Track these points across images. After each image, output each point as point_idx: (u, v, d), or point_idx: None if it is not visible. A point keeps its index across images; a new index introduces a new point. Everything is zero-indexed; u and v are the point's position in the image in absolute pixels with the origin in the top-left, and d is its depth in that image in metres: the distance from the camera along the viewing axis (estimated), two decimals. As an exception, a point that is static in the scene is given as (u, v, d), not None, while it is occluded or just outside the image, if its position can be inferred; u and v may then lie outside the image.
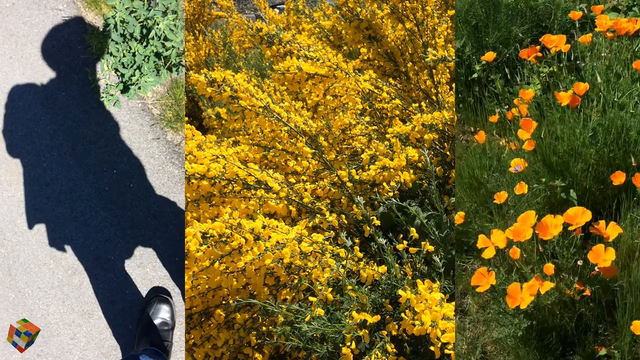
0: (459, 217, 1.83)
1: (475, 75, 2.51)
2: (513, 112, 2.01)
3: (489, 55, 2.25)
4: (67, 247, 2.41)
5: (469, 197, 2.02)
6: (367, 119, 1.97)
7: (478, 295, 1.83)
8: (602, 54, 2.00)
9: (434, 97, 2.17)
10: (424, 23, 2.16)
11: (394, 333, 1.45)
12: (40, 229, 2.44)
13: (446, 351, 1.33)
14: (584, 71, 2.03)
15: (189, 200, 1.58)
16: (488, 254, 1.61)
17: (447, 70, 2.13)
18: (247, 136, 2.06)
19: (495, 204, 1.81)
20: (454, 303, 1.41)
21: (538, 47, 2.10)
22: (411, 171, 1.81)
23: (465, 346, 1.76)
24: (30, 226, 2.44)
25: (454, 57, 2.04)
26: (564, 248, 1.60)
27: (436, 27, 2.18)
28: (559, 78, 2.04)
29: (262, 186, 1.62)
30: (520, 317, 1.61)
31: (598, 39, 2.05)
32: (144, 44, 2.28)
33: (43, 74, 2.60)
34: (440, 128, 1.87)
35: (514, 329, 1.62)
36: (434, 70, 2.12)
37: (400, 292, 1.43)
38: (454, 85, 2.16)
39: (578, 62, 2.08)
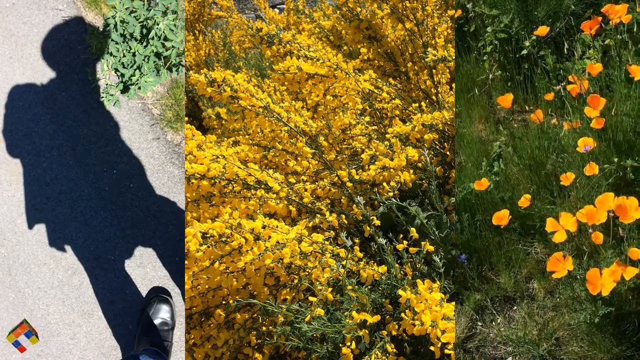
0: (524, 200, 1.74)
1: (524, 52, 2.38)
2: (575, 89, 1.87)
3: (542, 30, 2.10)
4: (67, 247, 2.41)
5: (527, 178, 1.92)
6: (367, 119, 1.97)
7: (545, 280, 1.75)
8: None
9: (433, 97, 2.17)
10: (423, 23, 2.16)
11: (394, 333, 1.45)
12: (40, 229, 2.44)
13: (446, 351, 1.33)
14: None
15: (189, 200, 1.58)
16: (559, 237, 1.53)
17: (447, 70, 2.13)
18: (247, 136, 2.06)
19: (558, 185, 1.71)
20: (453, 303, 1.41)
21: (600, 19, 1.92)
22: (411, 171, 1.81)
23: (536, 332, 1.68)
24: (30, 226, 2.44)
25: (453, 57, 2.04)
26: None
27: (436, 27, 2.18)
28: (621, 51, 1.87)
29: (262, 186, 1.62)
30: (598, 304, 1.53)
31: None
32: (144, 44, 2.28)
33: (43, 74, 2.60)
34: (440, 128, 1.87)
35: (590, 315, 1.54)
36: (433, 70, 2.12)
37: (400, 292, 1.43)
38: (454, 85, 2.16)
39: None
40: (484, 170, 2.01)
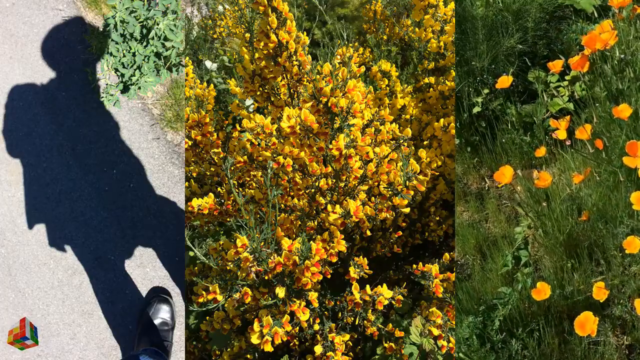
0: (600, 292, 1.43)
1: (477, 109, 2.16)
2: (560, 134, 1.62)
3: (504, 81, 1.80)
4: (67, 247, 2.41)
5: (564, 258, 1.67)
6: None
7: None
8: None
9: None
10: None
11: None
12: (40, 229, 2.44)
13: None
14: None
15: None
16: None
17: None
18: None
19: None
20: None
21: (585, 52, 1.63)
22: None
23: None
24: (30, 226, 2.44)
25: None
26: None
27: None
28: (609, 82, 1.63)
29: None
30: None
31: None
32: (144, 44, 2.28)
33: (43, 74, 2.60)
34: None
35: None
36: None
37: None
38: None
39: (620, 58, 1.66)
40: (510, 267, 1.77)
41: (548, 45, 2.18)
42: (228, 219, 1.70)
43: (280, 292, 1.38)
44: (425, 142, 1.81)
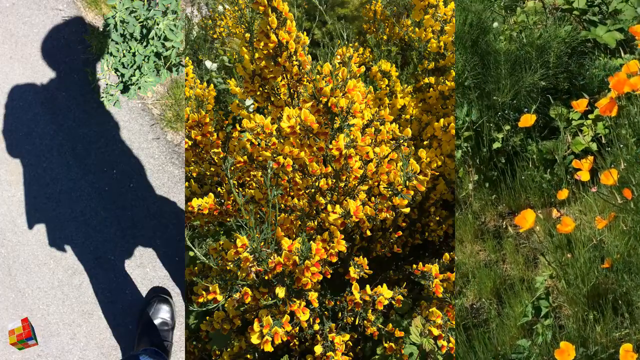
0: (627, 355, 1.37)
1: (497, 145, 2.12)
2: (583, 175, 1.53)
3: (527, 119, 1.70)
4: (67, 247, 2.41)
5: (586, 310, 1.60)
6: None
7: None
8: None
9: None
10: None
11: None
12: (40, 229, 2.44)
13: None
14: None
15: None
16: None
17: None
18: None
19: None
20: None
21: (612, 95, 1.52)
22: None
23: None
24: (30, 226, 2.44)
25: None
26: None
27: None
28: None
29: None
30: None
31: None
32: (144, 44, 2.28)
33: (43, 74, 2.60)
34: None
35: None
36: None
37: None
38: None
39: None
40: (530, 318, 1.72)
41: (569, 80, 2.14)
42: (228, 219, 1.70)
43: (280, 292, 1.38)
44: (425, 142, 1.81)
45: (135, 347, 2.26)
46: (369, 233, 1.52)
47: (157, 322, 2.23)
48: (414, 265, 1.59)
